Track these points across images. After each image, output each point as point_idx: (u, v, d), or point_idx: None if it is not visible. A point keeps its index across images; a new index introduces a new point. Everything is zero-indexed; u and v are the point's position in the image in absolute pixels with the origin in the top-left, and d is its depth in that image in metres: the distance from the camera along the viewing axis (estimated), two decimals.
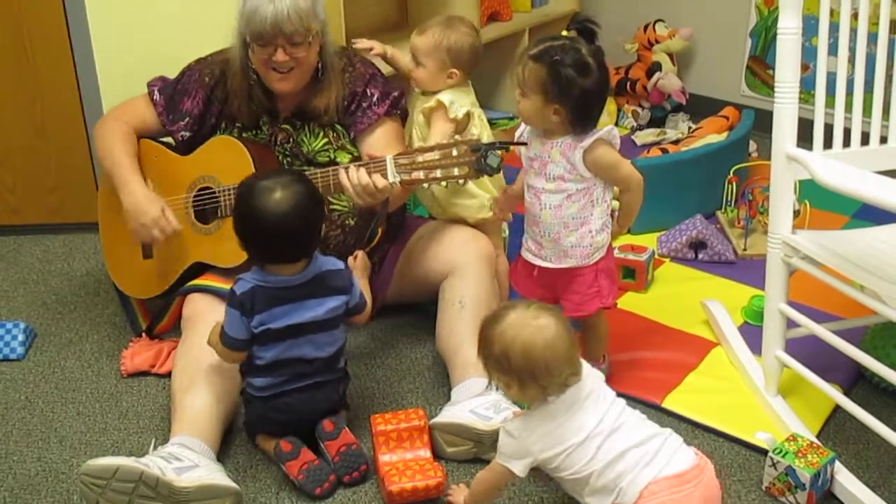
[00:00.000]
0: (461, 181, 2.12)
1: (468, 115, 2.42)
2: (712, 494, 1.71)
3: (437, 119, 2.41)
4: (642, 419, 1.78)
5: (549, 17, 3.96)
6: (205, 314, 2.16)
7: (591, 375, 1.77)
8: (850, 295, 1.94)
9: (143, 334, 2.50)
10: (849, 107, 2.10)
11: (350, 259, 2.16)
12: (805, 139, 2.06)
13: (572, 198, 2.09)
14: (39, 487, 2.06)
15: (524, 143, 2.12)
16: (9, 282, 2.90)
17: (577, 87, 1.98)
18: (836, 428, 2.18)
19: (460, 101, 2.41)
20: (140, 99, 2.46)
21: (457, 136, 2.13)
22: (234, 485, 1.94)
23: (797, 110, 2.04)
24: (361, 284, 2.14)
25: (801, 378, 2.12)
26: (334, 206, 2.37)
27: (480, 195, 2.49)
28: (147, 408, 2.30)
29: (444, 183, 2.12)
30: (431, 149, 2.10)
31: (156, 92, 2.43)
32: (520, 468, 1.74)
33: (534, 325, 1.67)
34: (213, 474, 1.90)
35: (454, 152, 2.07)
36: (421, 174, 2.10)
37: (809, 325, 2.06)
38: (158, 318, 2.47)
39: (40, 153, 3.07)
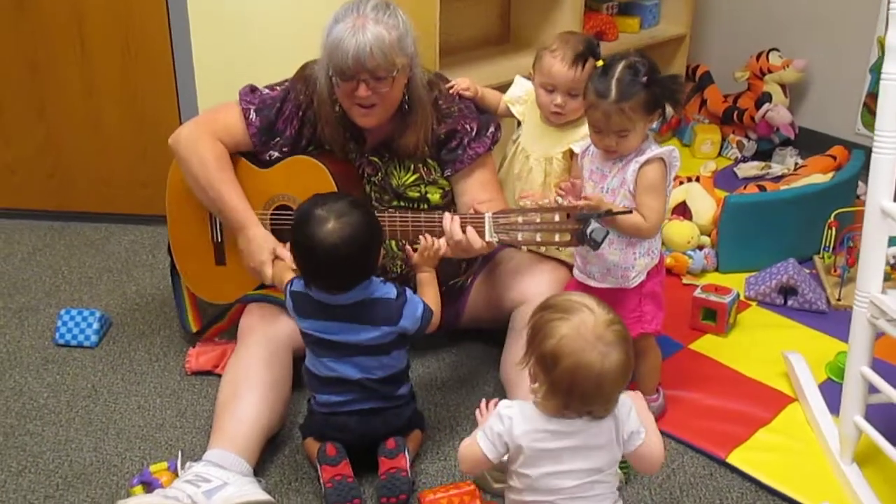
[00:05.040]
0: (560, 249, 2.04)
1: None
2: None
3: None
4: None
5: (656, 39, 3.85)
6: (259, 328, 2.16)
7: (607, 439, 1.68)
8: None
9: (195, 339, 2.52)
10: None
11: (423, 239, 2.09)
12: None
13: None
14: (91, 478, 2.11)
15: (629, 212, 2.01)
16: (94, 269, 2.98)
17: (672, 78, 2.03)
18: None
19: None
20: (233, 113, 2.30)
21: (560, 200, 2.02)
22: (266, 496, 1.93)
23: None
24: (427, 282, 2.09)
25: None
26: (416, 247, 2.29)
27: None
28: (205, 408, 2.33)
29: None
30: (534, 210, 2.00)
31: (252, 112, 2.29)
32: (494, 454, 1.69)
33: (600, 349, 1.57)
34: (243, 489, 1.90)
35: (556, 217, 1.97)
36: (519, 236, 2.01)
37: (890, 394, 1.92)
38: (216, 320, 2.47)
39: (136, 147, 3.16)
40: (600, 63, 2.02)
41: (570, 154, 2.33)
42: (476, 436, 1.71)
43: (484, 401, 1.82)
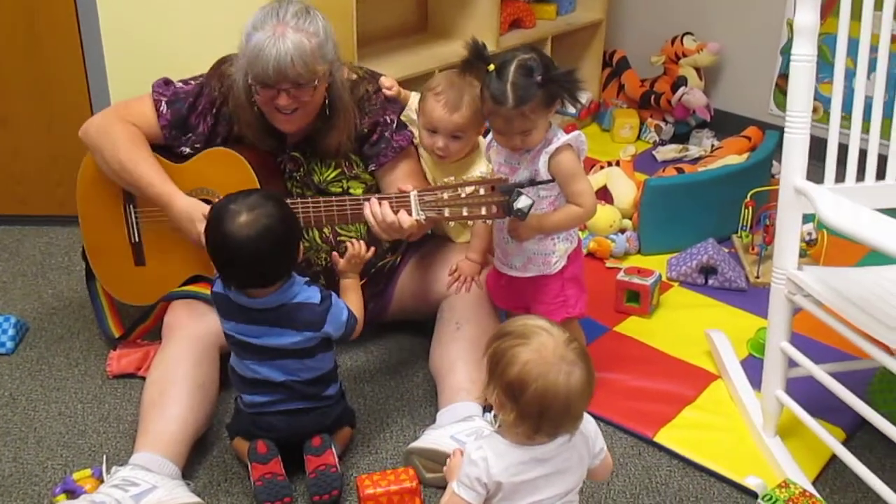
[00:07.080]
0: (487, 221, 2.06)
1: None
2: None
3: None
4: None
5: (573, 25, 3.87)
6: (185, 325, 2.11)
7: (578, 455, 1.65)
8: (851, 340, 1.85)
9: (118, 343, 2.44)
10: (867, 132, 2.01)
11: (350, 246, 2.05)
12: (840, 163, 2.00)
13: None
14: (11, 489, 2.04)
15: (552, 181, 2.03)
16: (8, 273, 2.88)
17: (567, 73, 1.97)
18: (835, 474, 2.09)
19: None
20: (146, 103, 2.27)
21: (484, 174, 2.02)
22: (196, 499, 1.90)
23: (808, 140, 1.96)
24: (351, 288, 2.07)
25: None
26: (342, 237, 2.29)
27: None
28: (129, 411, 2.27)
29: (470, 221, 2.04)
30: (457, 186, 1.99)
31: (164, 104, 2.25)
32: (478, 499, 1.61)
33: (564, 369, 1.52)
34: (172, 492, 1.86)
35: (481, 191, 1.96)
36: (446, 212, 2.00)
37: (809, 368, 1.97)
38: (141, 320, 2.41)
39: (48, 146, 3.06)
40: (492, 67, 1.97)
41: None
42: (452, 488, 1.64)
43: (453, 452, 1.77)
